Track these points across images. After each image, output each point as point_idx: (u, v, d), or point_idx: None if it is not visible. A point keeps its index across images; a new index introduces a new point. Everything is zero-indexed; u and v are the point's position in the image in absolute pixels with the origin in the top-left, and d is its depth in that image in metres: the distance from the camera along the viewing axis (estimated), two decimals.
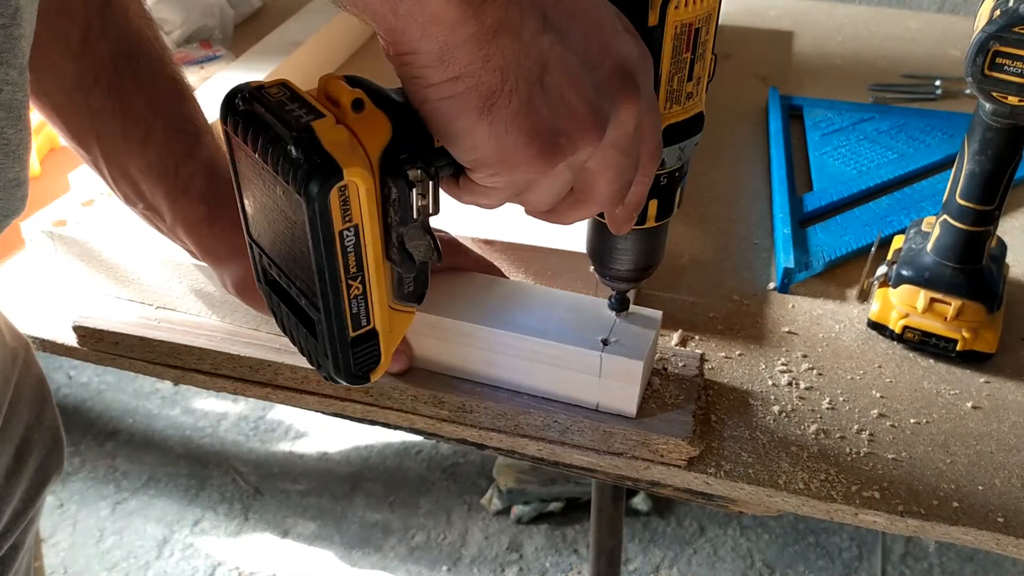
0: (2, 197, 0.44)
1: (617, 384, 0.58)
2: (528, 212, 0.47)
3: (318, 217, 0.38)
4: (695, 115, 0.49)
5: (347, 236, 0.40)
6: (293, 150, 0.37)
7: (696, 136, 0.50)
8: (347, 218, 0.39)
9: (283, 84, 0.41)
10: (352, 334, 0.44)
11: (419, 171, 0.40)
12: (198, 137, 0.57)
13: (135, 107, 0.55)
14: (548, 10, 0.38)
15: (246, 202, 0.45)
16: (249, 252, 0.48)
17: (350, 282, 0.41)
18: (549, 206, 0.45)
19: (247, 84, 0.41)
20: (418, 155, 0.40)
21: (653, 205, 0.52)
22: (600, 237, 0.56)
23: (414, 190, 0.41)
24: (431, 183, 0.41)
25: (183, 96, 0.58)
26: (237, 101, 0.40)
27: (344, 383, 0.46)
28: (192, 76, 1.01)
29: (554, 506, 1.71)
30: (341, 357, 0.44)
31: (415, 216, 0.42)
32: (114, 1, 0.55)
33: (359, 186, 0.39)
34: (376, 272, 0.42)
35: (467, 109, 0.38)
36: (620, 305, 0.60)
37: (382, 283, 0.43)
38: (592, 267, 0.58)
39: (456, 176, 0.43)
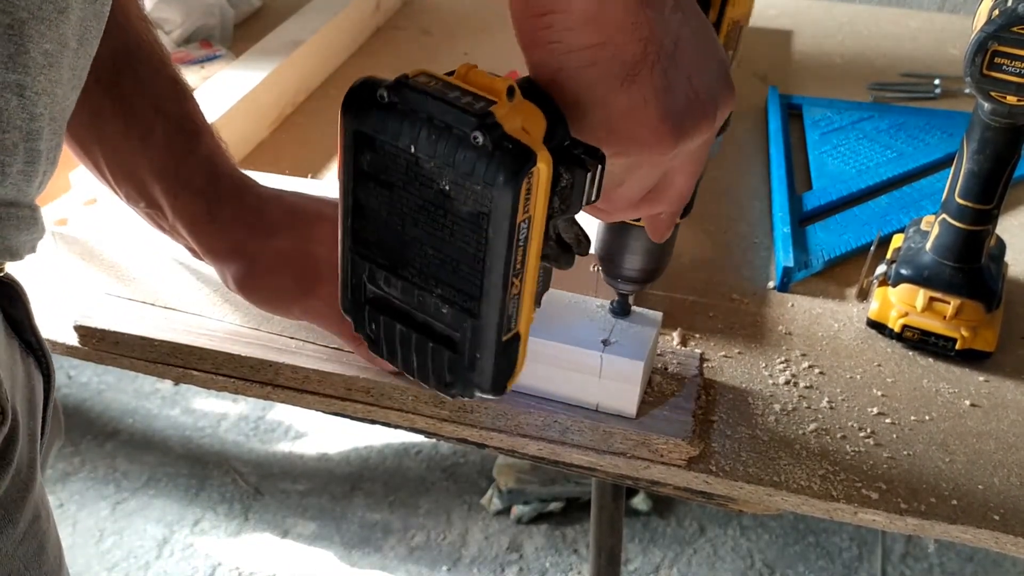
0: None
1: (617, 384, 0.58)
2: (602, 207, 0.45)
3: (509, 206, 0.36)
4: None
5: (522, 228, 0.37)
6: (480, 137, 0.35)
7: (723, 133, 0.49)
8: (526, 209, 0.37)
9: (426, 73, 0.38)
10: (505, 338, 0.40)
11: (587, 156, 0.38)
12: (198, 135, 0.57)
13: (136, 106, 0.55)
14: None
15: (365, 208, 0.41)
16: (342, 270, 0.44)
17: (513, 280, 0.39)
18: (633, 202, 0.44)
19: (374, 78, 0.38)
20: (573, 139, 0.38)
21: None
22: (616, 238, 0.56)
23: (588, 174, 0.39)
24: (600, 166, 0.39)
25: (183, 95, 0.58)
26: (381, 93, 0.37)
27: (483, 396, 0.42)
28: (192, 76, 1.01)
29: (554, 506, 1.71)
30: (491, 364, 0.41)
31: (584, 202, 0.39)
32: (115, 3, 0.56)
33: (542, 174, 0.36)
34: (533, 269, 0.40)
35: (608, 78, 0.37)
36: (623, 310, 0.60)
37: (535, 280, 0.41)
38: (600, 268, 0.58)
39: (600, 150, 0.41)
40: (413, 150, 0.37)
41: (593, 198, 0.40)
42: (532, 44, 0.38)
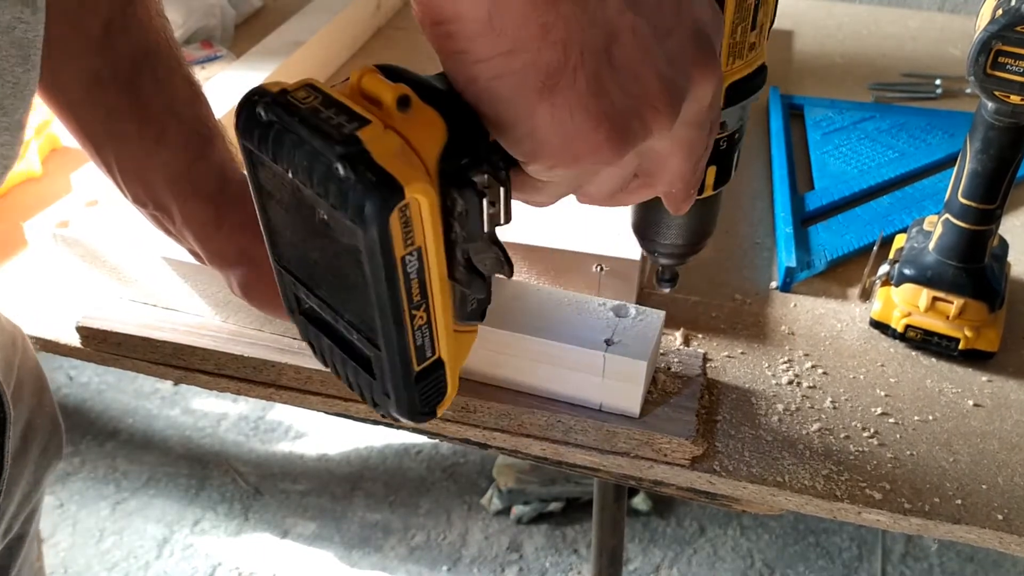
0: (7, 142, 0.42)
1: (620, 384, 0.58)
2: (582, 201, 0.42)
3: (378, 245, 0.32)
4: (758, 68, 0.44)
5: (409, 261, 0.33)
6: (340, 168, 0.31)
7: (759, 91, 0.45)
8: (409, 241, 0.33)
9: (310, 86, 0.34)
10: (417, 368, 0.37)
11: (486, 176, 0.34)
12: (211, 139, 0.57)
13: (151, 107, 0.55)
14: None
15: (273, 224, 0.39)
16: (277, 279, 0.42)
17: (414, 312, 0.35)
18: (612, 195, 0.40)
19: (263, 88, 0.34)
20: (479, 155, 0.34)
21: (711, 172, 0.47)
22: (649, 211, 0.51)
23: (484, 199, 0.35)
24: (502, 189, 0.35)
25: (197, 98, 0.58)
26: (259, 111, 0.34)
27: (408, 422, 0.40)
28: None
29: (554, 506, 1.71)
30: (406, 395, 0.38)
31: (484, 229, 0.36)
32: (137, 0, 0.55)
33: (422, 203, 0.32)
34: (441, 296, 0.36)
35: (524, 90, 0.32)
36: (671, 281, 0.55)
37: (448, 307, 0.37)
38: (639, 243, 0.53)
39: (505, 170, 0.37)
40: (291, 176, 0.33)
41: (502, 221, 0.36)
42: (440, 53, 0.34)
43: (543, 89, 0.32)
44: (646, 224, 0.52)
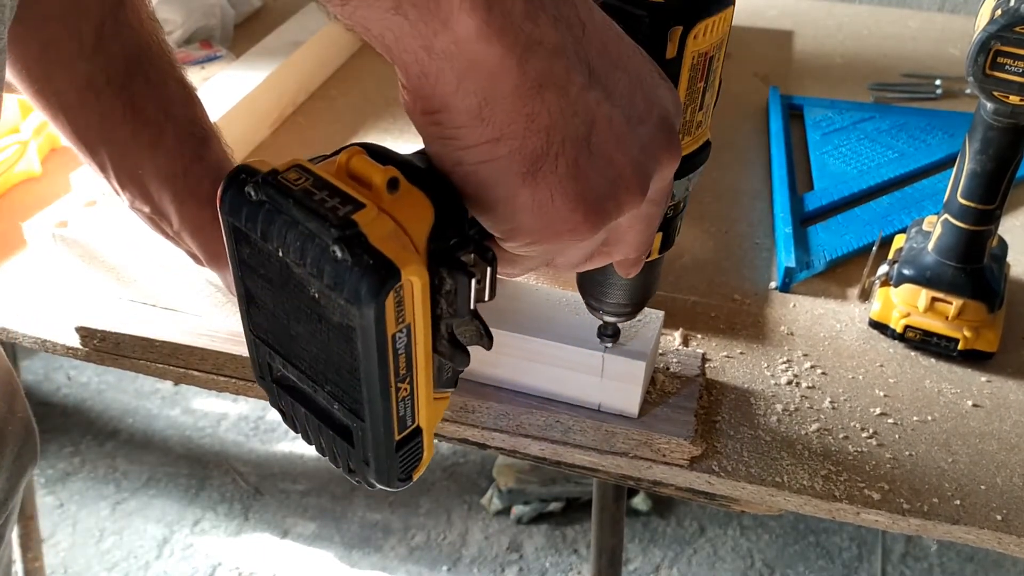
0: None
1: (619, 384, 0.58)
2: (550, 269, 0.44)
3: (372, 325, 0.33)
4: (703, 144, 0.47)
5: (399, 338, 0.35)
6: (338, 251, 0.32)
7: (703, 166, 0.48)
8: (400, 319, 0.34)
9: (299, 167, 0.35)
10: (398, 437, 0.38)
11: (474, 255, 0.36)
12: (206, 141, 0.57)
13: (146, 110, 0.55)
14: (593, 62, 0.34)
15: (252, 297, 0.39)
16: (249, 347, 0.42)
17: (399, 385, 0.36)
18: (578, 265, 0.42)
19: (251, 167, 0.35)
20: (466, 235, 0.36)
21: (657, 238, 0.50)
22: (595, 272, 0.53)
23: (472, 279, 0.36)
24: (488, 268, 0.36)
25: (191, 100, 0.58)
26: (248, 191, 0.34)
27: (386, 488, 0.41)
28: (192, 76, 0.99)
29: (554, 506, 1.71)
30: (386, 463, 0.39)
31: (470, 306, 0.37)
32: (127, 3, 0.55)
33: (415, 284, 0.34)
34: (425, 369, 0.37)
35: (508, 175, 0.34)
36: (613, 337, 0.57)
37: (430, 378, 0.38)
38: (584, 299, 0.56)
39: (491, 250, 0.38)
40: (281, 254, 0.34)
41: (487, 298, 0.37)
42: (426, 137, 0.35)
43: (526, 174, 0.34)
44: (592, 284, 0.54)
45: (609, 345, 0.58)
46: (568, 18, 0.33)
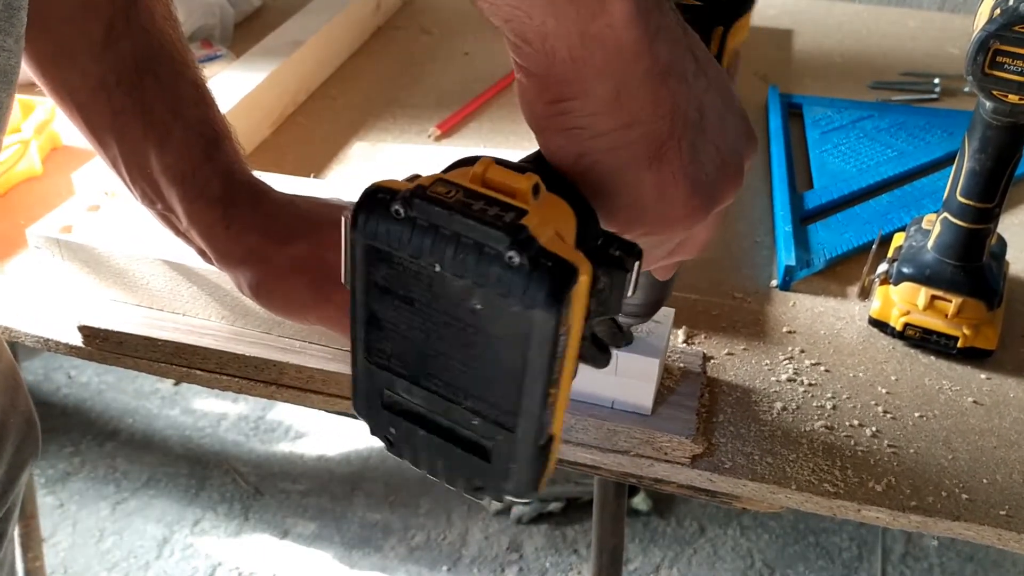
0: None
1: (634, 382, 0.58)
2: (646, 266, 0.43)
3: (552, 328, 0.32)
4: None
5: (561, 341, 0.34)
6: (515, 256, 0.31)
7: None
8: (566, 322, 0.33)
9: (443, 180, 0.34)
10: (540, 444, 0.37)
11: (622, 252, 0.35)
12: (217, 142, 0.57)
13: (155, 109, 0.55)
14: (695, 51, 0.35)
15: (379, 321, 0.38)
16: (358, 378, 0.41)
17: (551, 390, 0.35)
18: (658, 261, 0.42)
19: (389, 187, 0.34)
20: (606, 233, 0.35)
21: None
22: None
23: (628, 276, 0.35)
24: (637, 263, 0.36)
25: (203, 99, 0.58)
26: (396, 209, 0.34)
27: (517, 499, 0.40)
28: None
29: (554, 506, 1.72)
30: (527, 473, 0.38)
31: (622, 302, 0.36)
32: (140, 2, 0.55)
33: (583, 285, 0.33)
34: (569, 373, 0.36)
35: (637, 159, 0.34)
36: (626, 340, 0.58)
37: (570, 384, 0.37)
38: None
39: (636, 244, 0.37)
40: (438, 268, 0.34)
41: (630, 294, 0.37)
42: (548, 130, 0.35)
43: (652, 158, 0.34)
44: None
45: (621, 345, 0.57)
46: (674, 9, 0.35)
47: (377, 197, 0.34)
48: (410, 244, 0.34)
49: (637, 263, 0.35)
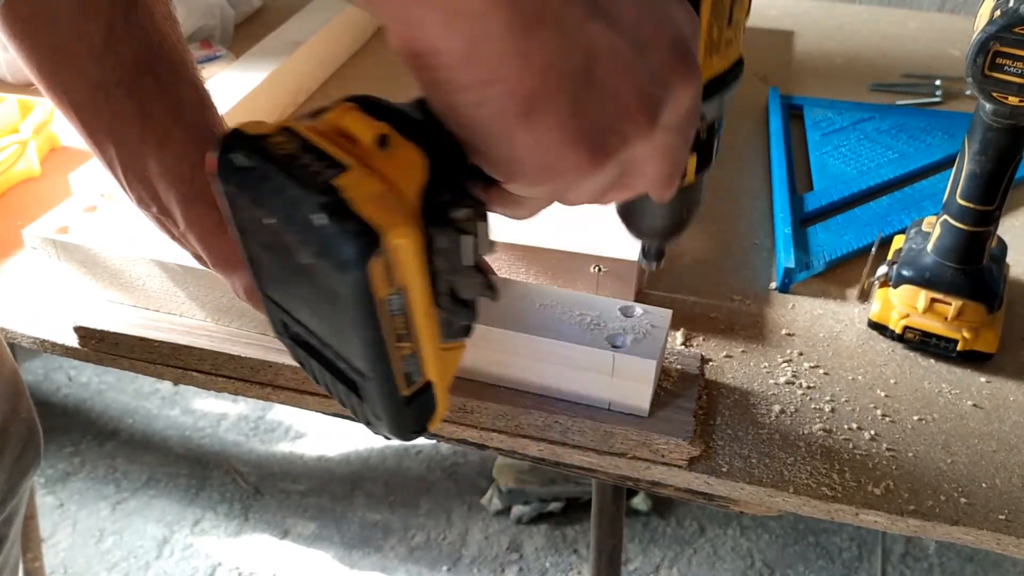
0: None
1: (630, 383, 0.58)
2: (565, 204, 0.42)
3: (358, 291, 0.32)
4: (735, 61, 0.45)
5: (393, 301, 0.34)
6: (318, 218, 0.31)
7: (737, 82, 0.45)
8: (391, 282, 0.33)
9: (287, 130, 0.34)
10: (406, 393, 0.38)
11: (467, 210, 0.35)
12: (216, 143, 0.57)
13: (154, 111, 0.54)
14: None
15: (255, 258, 0.39)
16: (264, 304, 0.42)
17: (398, 345, 0.35)
18: (593, 199, 0.40)
19: (241, 132, 0.34)
20: (460, 190, 0.35)
21: (692, 160, 0.48)
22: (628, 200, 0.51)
23: (464, 235, 0.35)
24: (481, 223, 0.36)
25: (203, 102, 0.57)
26: (237, 156, 0.34)
27: (401, 440, 0.41)
28: None
29: (554, 506, 1.71)
30: (396, 419, 0.39)
31: (466, 262, 0.36)
32: (140, 4, 0.55)
33: (404, 246, 0.33)
34: (426, 326, 0.36)
35: (503, 115, 0.33)
36: (657, 258, 0.55)
37: (434, 335, 0.37)
38: (624, 224, 0.53)
39: (486, 187, 0.37)
40: (273, 221, 0.34)
41: (484, 251, 0.36)
42: (419, 81, 0.33)
43: (522, 114, 0.32)
44: (629, 209, 0.52)
45: (654, 266, 0.55)
46: None
47: (228, 143, 0.34)
48: (248, 194, 0.34)
49: (482, 222, 0.35)
